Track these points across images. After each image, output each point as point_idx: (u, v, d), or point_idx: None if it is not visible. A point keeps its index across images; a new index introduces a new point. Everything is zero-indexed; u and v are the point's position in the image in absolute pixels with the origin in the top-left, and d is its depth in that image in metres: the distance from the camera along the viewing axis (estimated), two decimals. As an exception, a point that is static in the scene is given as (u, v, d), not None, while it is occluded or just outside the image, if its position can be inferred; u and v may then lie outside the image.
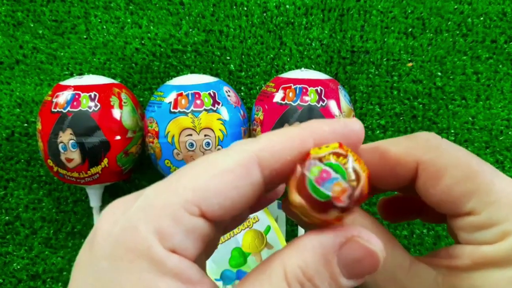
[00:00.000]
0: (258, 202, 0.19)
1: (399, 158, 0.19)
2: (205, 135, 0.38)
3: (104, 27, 0.48)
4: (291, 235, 0.46)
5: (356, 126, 0.18)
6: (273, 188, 0.18)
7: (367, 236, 0.16)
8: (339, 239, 0.16)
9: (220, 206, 0.15)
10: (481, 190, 0.18)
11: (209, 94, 0.39)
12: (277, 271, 0.15)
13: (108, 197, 0.46)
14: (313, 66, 0.47)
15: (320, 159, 0.15)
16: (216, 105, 0.38)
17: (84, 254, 0.16)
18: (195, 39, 0.47)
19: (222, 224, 0.18)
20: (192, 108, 0.38)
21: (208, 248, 0.20)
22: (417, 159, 0.19)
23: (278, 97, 0.39)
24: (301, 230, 0.44)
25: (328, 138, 0.17)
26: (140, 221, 0.15)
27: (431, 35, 0.46)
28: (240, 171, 0.16)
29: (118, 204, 0.16)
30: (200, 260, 0.18)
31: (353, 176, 0.15)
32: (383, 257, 0.16)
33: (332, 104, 0.38)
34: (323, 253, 0.16)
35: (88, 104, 0.38)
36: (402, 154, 0.19)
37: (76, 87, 0.39)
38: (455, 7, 0.46)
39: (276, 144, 0.17)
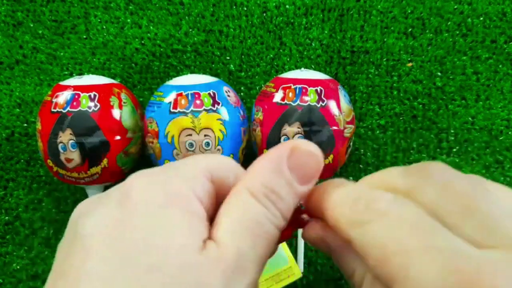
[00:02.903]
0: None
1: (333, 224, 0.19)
2: (205, 135, 0.38)
3: (104, 27, 0.48)
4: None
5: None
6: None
7: (305, 143, 0.19)
8: (285, 152, 0.19)
9: (219, 176, 0.19)
10: (397, 278, 0.16)
11: (209, 94, 0.39)
12: (243, 192, 0.18)
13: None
14: (313, 66, 0.47)
15: None
16: (216, 105, 0.38)
17: (114, 210, 0.17)
18: (195, 39, 0.47)
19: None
20: (192, 108, 0.38)
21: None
22: (345, 234, 0.18)
23: (278, 97, 0.39)
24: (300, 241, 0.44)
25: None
26: (176, 179, 0.18)
27: (431, 35, 0.46)
28: (230, 160, 0.21)
29: (145, 174, 0.19)
30: None
31: None
32: (322, 157, 0.19)
33: (332, 104, 0.38)
34: (275, 166, 0.19)
35: (88, 104, 0.38)
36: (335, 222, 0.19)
37: (76, 87, 0.39)
38: (455, 7, 0.46)
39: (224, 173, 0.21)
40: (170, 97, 0.39)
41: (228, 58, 0.47)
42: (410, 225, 0.16)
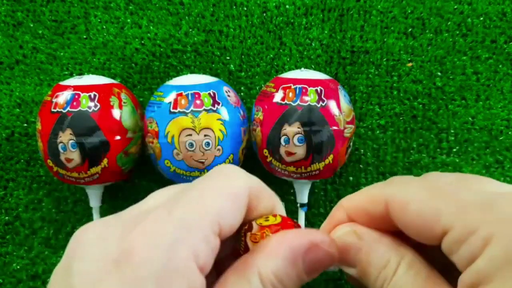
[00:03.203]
0: None
1: (369, 198, 0.22)
2: (205, 135, 0.38)
3: (104, 27, 0.48)
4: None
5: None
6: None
7: (328, 242, 0.19)
8: (305, 244, 0.19)
9: (231, 225, 0.18)
10: (447, 202, 0.18)
11: (209, 94, 0.39)
12: (254, 276, 0.18)
13: (108, 197, 0.46)
14: (313, 66, 0.47)
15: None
16: (216, 105, 0.38)
17: (109, 275, 0.16)
18: (195, 39, 0.47)
19: None
20: (192, 108, 0.38)
21: None
22: (383, 196, 0.21)
23: (278, 97, 0.39)
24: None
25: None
26: (181, 245, 0.16)
27: (431, 35, 0.46)
28: (243, 195, 0.19)
29: (153, 222, 0.17)
30: None
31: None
32: (337, 257, 0.20)
33: (332, 104, 0.38)
34: (292, 257, 0.18)
35: (88, 104, 0.38)
36: (370, 195, 0.22)
37: (75, 87, 0.39)
38: (455, 7, 0.46)
39: (262, 191, 0.20)
40: (170, 97, 0.39)
41: (228, 58, 0.47)
42: None
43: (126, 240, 0.16)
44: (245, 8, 0.47)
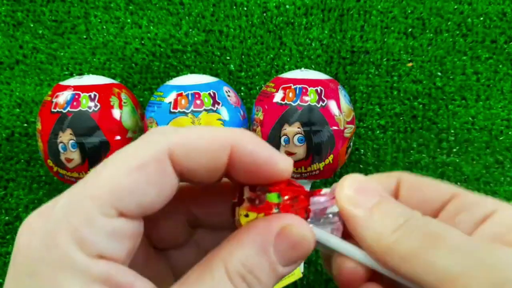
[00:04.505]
0: None
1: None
2: (205, 135, 0.38)
3: (104, 27, 0.48)
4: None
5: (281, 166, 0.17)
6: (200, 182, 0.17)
7: (298, 223, 0.17)
8: (275, 229, 0.16)
9: (137, 204, 0.15)
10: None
11: (209, 94, 0.39)
12: (218, 269, 0.16)
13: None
14: (313, 66, 0.47)
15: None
16: (216, 105, 0.38)
17: (9, 270, 0.15)
18: (195, 39, 0.47)
19: (151, 217, 0.17)
20: (192, 108, 0.38)
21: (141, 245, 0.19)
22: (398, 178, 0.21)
23: (278, 97, 0.39)
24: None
25: (246, 153, 0.17)
26: (58, 232, 0.14)
27: (431, 35, 0.46)
28: (154, 166, 0.15)
29: (37, 215, 0.15)
30: (138, 258, 0.18)
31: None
32: (314, 241, 0.17)
33: (332, 104, 0.38)
34: (261, 245, 0.16)
35: (88, 104, 0.38)
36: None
37: (76, 87, 0.39)
38: (455, 7, 0.46)
39: (191, 143, 0.16)
40: (170, 97, 0.39)
41: (228, 58, 0.47)
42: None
43: (18, 235, 0.15)
44: (245, 8, 0.47)
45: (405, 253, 0.16)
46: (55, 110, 0.39)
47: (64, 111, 0.38)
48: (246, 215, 0.18)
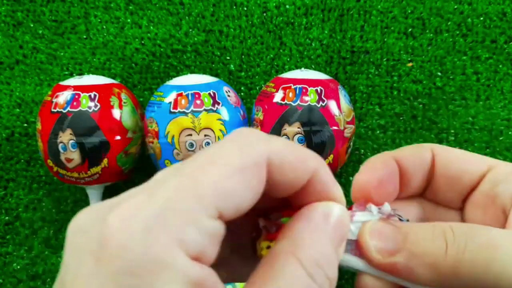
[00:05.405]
0: None
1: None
2: (205, 135, 0.38)
3: (104, 27, 0.48)
4: None
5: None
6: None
7: (340, 211, 0.18)
8: (332, 220, 0.17)
9: (235, 207, 0.15)
10: None
11: (209, 94, 0.39)
12: (293, 264, 0.15)
13: (108, 197, 0.46)
14: (313, 66, 0.47)
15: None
16: (216, 105, 0.38)
17: (88, 268, 0.14)
18: (195, 39, 0.47)
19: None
20: (192, 108, 0.38)
21: None
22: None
23: (278, 97, 0.39)
24: None
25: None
26: (161, 229, 0.13)
27: (431, 35, 0.46)
28: (254, 170, 0.15)
29: (127, 208, 0.14)
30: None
31: None
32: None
33: (332, 104, 0.38)
34: (325, 237, 0.17)
35: (88, 104, 0.38)
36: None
37: (76, 87, 0.39)
38: (455, 7, 0.46)
39: (288, 155, 0.16)
40: (170, 97, 0.39)
41: (228, 58, 0.47)
42: None
43: (104, 227, 0.14)
44: (245, 8, 0.47)
45: (471, 266, 0.17)
46: (55, 110, 0.39)
47: (64, 111, 0.38)
48: (268, 247, 0.18)
